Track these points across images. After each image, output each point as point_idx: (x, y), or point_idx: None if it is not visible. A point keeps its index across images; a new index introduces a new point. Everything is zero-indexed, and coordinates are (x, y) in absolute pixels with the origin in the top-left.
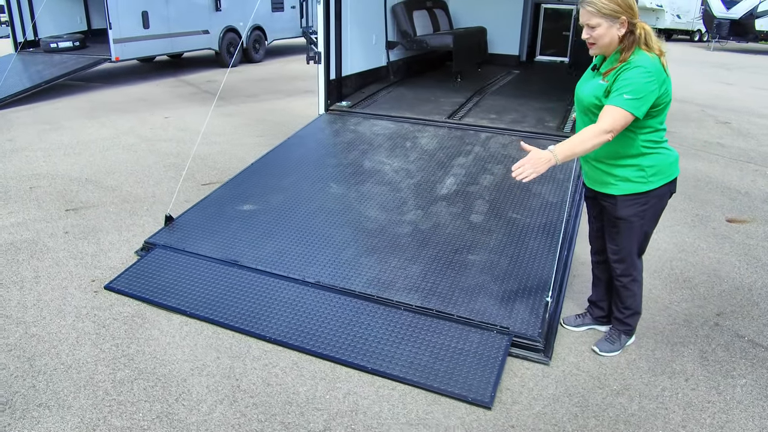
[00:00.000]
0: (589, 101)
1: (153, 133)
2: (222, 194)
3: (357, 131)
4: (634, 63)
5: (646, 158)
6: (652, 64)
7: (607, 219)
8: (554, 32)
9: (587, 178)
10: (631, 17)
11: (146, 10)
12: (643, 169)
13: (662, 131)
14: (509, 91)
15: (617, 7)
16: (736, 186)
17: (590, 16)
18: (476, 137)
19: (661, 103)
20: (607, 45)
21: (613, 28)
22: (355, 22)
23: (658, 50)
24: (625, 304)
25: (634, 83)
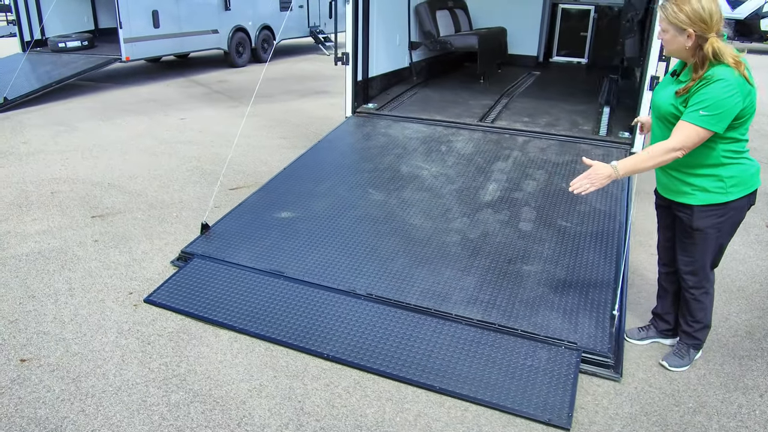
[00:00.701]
0: (666, 109)
1: (170, 135)
2: (257, 201)
3: (389, 134)
4: (716, 76)
5: (726, 168)
6: (733, 77)
7: (681, 230)
8: (571, 32)
9: (660, 186)
10: (703, 31)
11: (156, 9)
12: (723, 180)
13: (744, 141)
14: (536, 92)
15: (686, 19)
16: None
17: (662, 21)
18: (513, 141)
19: (744, 114)
20: (675, 51)
21: (680, 37)
22: (381, 22)
23: (733, 62)
24: (695, 318)
25: (712, 98)
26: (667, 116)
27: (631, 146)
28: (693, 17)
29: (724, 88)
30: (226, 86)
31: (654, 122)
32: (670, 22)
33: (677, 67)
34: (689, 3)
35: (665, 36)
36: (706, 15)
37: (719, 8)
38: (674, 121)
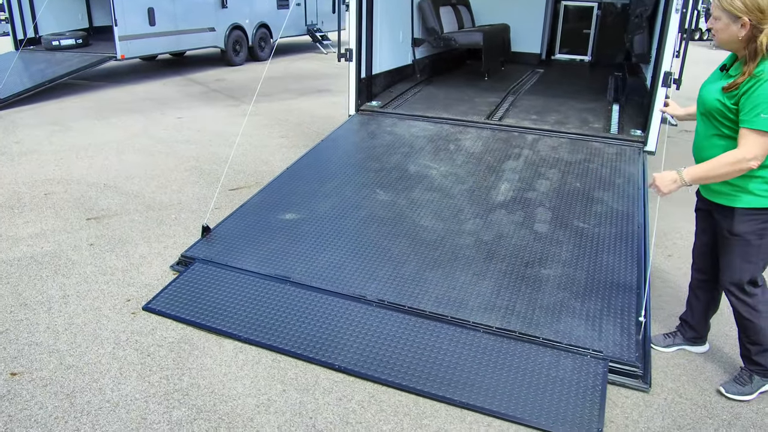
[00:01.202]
0: (711, 104)
1: (167, 135)
2: (260, 201)
3: (394, 133)
4: (763, 79)
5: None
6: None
7: (721, 235)
8: (574, 30)
9: (703, 187)
10: (759, 21)
11: (152, 6)
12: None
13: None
14: (542, 90)
15: (741, 5)
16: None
17: (715, 7)
18: (522, 139)
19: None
20: (726, 41)
21: (733, 26)
22: (385, 18)
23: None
24: (750, 339)
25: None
26: (713, 112)
27: (644, 144)
28: (750, 5)
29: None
30: (224, 85)
31: (698, 117)
32: (723, 9)
33: (727, 62)
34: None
35: (717, 24)
36: (764, 3)
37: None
38: (720, 118)
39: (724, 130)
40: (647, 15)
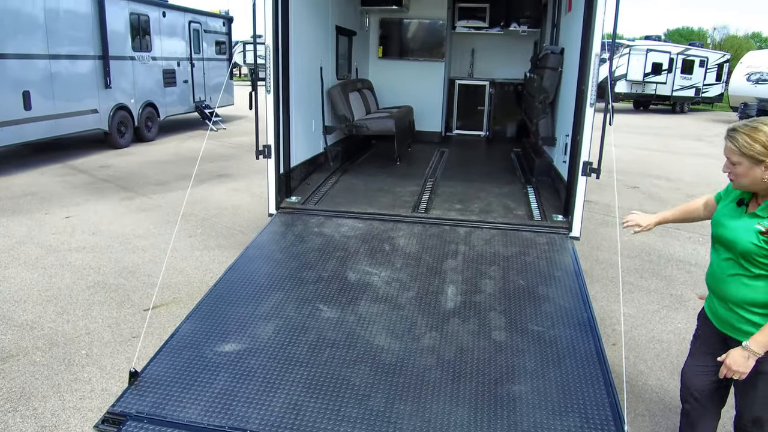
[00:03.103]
0: (745, 248)
1: (58, 241)
2: (191, 331)
3: (324, 234)
4: None
5: None
6: None
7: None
8: (469, 107)
9: (717, 320)
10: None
11: (28, 89)
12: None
13: None
14: (456, 173)
15: (762, 148)
16: (682, 257)
17: (731, 153)
18: (455, 234)
19: None
20: (750, 185)
21: (757, 169)
22: (299, 110)
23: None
24: None
25: None
26: (749, 256)
27: (569, 230)
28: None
29: None
30: (112, 172)
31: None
32: (743, 154)
33: (745, 196)
34: (764, 132)
35: (738, 168)
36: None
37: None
38: (755, 259)
39: (755, 270)
40: (549, 101)
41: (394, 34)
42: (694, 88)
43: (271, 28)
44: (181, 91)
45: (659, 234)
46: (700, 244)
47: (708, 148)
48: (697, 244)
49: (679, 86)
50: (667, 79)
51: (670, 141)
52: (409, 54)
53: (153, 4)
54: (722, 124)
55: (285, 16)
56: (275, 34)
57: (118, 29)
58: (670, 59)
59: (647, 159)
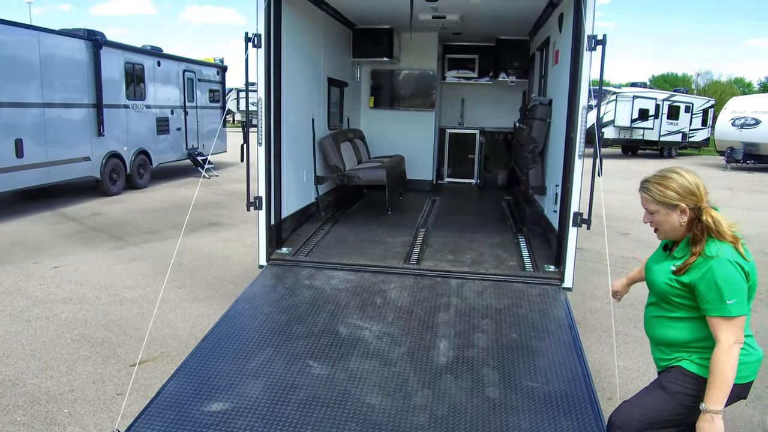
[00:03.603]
0: (662, 289)
1: (45, 292)
2: (177, 388)
3: (314, 287)
4: (717, 260)
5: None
6: (732, 254)
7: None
8: (460, 155)
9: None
10: (696, 203)
11: (20, 137)
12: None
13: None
14: (447, 222)
15: (674, 194)
16: None
17: (647, 202)
18: (447, 286)
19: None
20: (669, 230)
21: (673, 215)
22: (291, 159)
23: (731, 237)
24: None
25: (730, 283)
26: (666, 296)
27: (561, 281)
28: (682, 191)
29: (733, 269)
30: (102, 221)
31: (649, 297)
32: (658, 202)
33: (669, 241)
34: (673, 179)
35: (657, 216)
36: (693, 187)
37: (701, 180)
38: (675, 299)
39: (677, 312)
40: (539, 151)
41: (385, 85)
42: (681, 133)
43: (263, 82)
44: (174, 138)
45: None
46: None
47: None
48: None
49: (666, 131)
50: (654, 125)
51: None
52: (400, 104)
53: (148, 53)
54: (710, 169)
55: (277, 69)
56: (267, 87)
57: (113, 78)
58: (656, 105)
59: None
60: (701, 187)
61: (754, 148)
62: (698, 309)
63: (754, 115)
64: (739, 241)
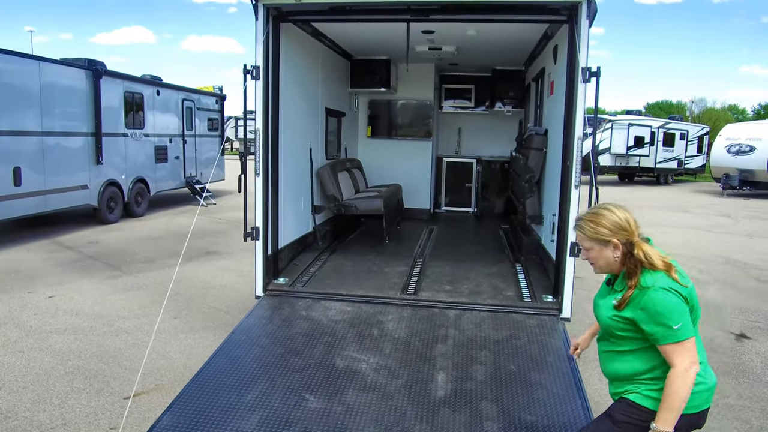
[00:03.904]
0: (607, 323)
1: (39, 322)
2: (171, 423)
3: (311, 318)
4: (653, 290)
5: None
6: (667, 281)
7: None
8: (457, 184)
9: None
10: (627, 238)
11: (19, 165)
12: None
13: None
14: (445, 252)
15: (606, 230)
16: None
17: (581, 239)
18: (444, 317)
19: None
20: (606, 266)
21: (606, 250)
22: (288, 190)
23: (664, 266)
24: None
25: (670, 309)
26: (611, 331)
27: (559, 312)
28: (612, 227)
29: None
30: (99, 249)
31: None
32: (591, 239)
33: (611, 276)
34: (604, 216)
35: (591, 253)
36: (624, 223)
37: (632, 215)
38: (620, 333)
39: (624, 345)
40: (535, 180)
41: (382, 114)
42: (677, 160)
43: (261, 113)
44: (172, 166)
45: None
46: None
47: (695, 219)
48: None
49: (662, 158)
50: (650, 152)
51: (657, 213)
52: (397, 133)
53: (148, 82)
54: (706, 195)
55: (275, 100)
56: (265, 118)
57: (113, 106)
58: (652, 133)
59: None
60: (632, 222)
61: (750, 174)
62: (644, 339)
63: (749, 141)
64: (672, 268)
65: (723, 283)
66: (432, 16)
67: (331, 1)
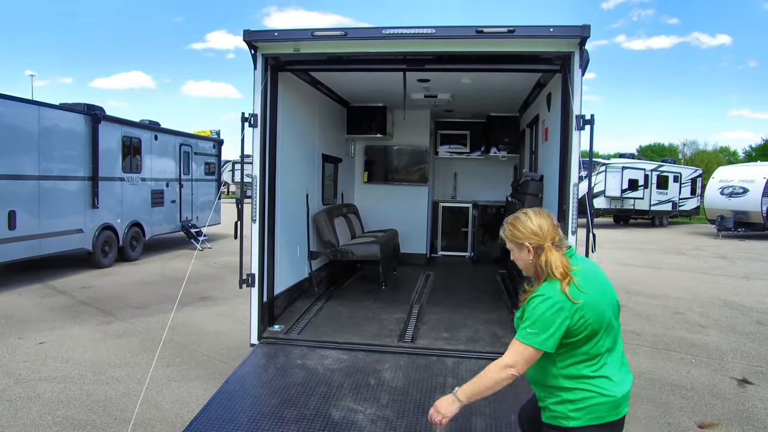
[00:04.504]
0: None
1: (28, 369)
2: None
3: (307, 367)
4: (539, 291)
5: (570, 393)
6: (553, 291)
7: None
8: (454, 228)
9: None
10: (537, 244)
11: (14, 209)
12: (565, 403)
13: (584, 364)
14: (442, 298)
15: (520, 234)
16: (676, 380)
17: (505, 242)
18: (442, 365)
19: (575, 334)
20: (525, 268)
21: (522, 252)
22: (285, 235)
23: (560, 275)
24: None
25: (534, 315)
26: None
27: None
28: (526, 232)
29: (543, 303)
30: (92, 294)
31: None
32: (510, 241)
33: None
34: (521, 221)
35: (513, 254)
36: (536, 228)
37: (550, 222)
38: None
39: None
40: None
41: (378, 160)
42: (671, 202)
43: (258, 160)
44: (168, 210)
45: (649, 356)
46: (693, 365)
47: (691, 262)
48: (691, 365)
49: (657, 201)
50: (644, 195)
51: (653, 255)
52: (393, 178)
53: (146, 127)
54: (702, 237)
55: (273, 147)
56: (262, 164)
57: (110, 151)
58: (645, 175)
59: (631, 275)
60: (545, 229)
61: (744, 216)
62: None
63: (742, 183)
64: (568, 279)
65: (723, 326)
66: (427, 66)
67: (329, 51)
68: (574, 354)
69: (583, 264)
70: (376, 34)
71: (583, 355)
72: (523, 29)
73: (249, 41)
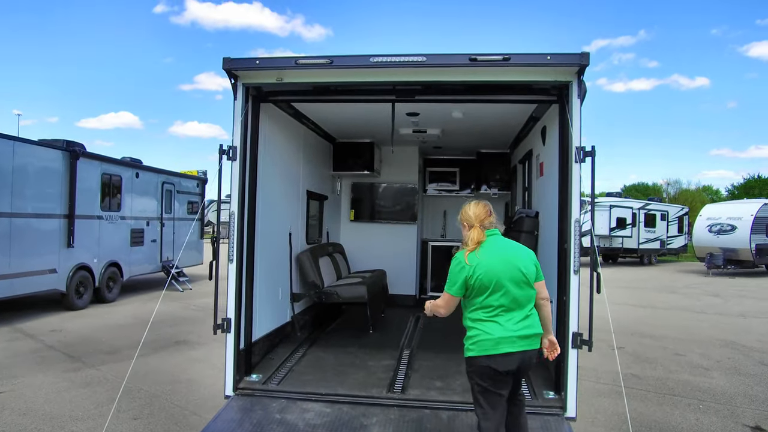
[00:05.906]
0: None
1: None
2: None
3: (286, 422)
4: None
5: (469, 330)
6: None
7: None
8: (444, 268)
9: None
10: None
11: None
12: (468, 338)
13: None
14: (434, 343)
15: (461, 216)
16: (684, 428)
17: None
18: (436, 419)
19: (471, 286)
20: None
21: (464, 229)
22: (265, 276)
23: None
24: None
25: (450, 271)
26: None
27: (564, 410)
28: (464, 215)
29: (453, 262)
30: (62, 338)
31: None
32: (460, 222)
33: None
34: (465, 210)
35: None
36: (469, 213)
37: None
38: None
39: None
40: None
41: (366, 198)
42: (659, 241)
43: (237, 195)
44: (148, 250)
45: (657, 402)
46: (701, 412)
47: (684, 300)
48: (699, 412)
49: (645, 239)
50: (632, 233)
51: (645, 294)
52: (381, 217)
53: (127, 164)
54: (691, 275)
55: (253, 182)
56: (241, 200)
57: (89, 188)
58: (633, 214)
59: (627, 315)
60: (473, 215)
61: (733, 253)
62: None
63: (729, 221)
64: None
65: (726, 368)
66: (418, 96)
67: (314, 81)
68: (473, 303)
69: (497, 242)
70: (364, 62)
71: (479, 304)
72: (519, 57)
73: (229, 69)
